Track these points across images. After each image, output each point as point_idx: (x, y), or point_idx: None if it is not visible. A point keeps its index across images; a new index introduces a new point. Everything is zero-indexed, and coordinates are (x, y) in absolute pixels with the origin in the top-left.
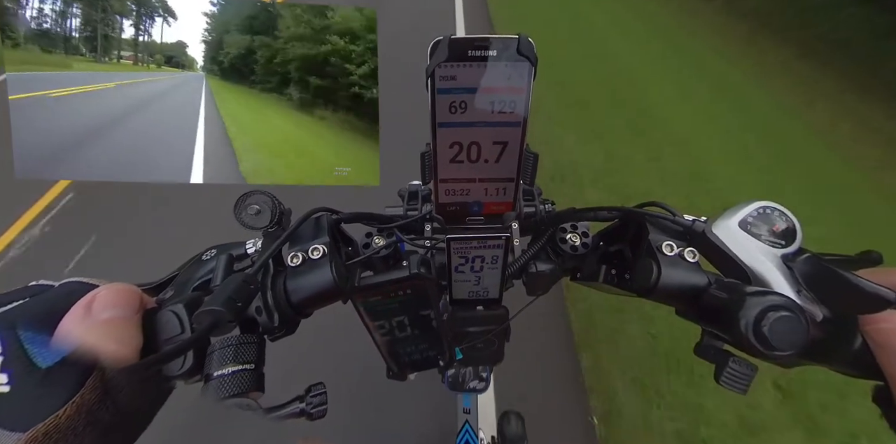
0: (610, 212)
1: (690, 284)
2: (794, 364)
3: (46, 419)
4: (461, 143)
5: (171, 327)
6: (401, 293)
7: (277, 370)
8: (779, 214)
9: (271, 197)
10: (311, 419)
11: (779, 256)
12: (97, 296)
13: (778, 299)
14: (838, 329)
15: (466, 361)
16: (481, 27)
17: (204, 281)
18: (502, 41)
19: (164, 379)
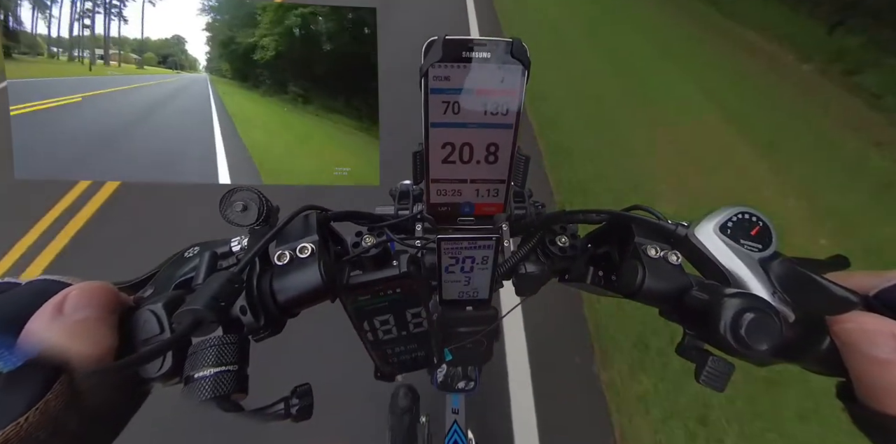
0: (598, 215)
1: (673, 285)
2: (767, 363)
3: (6, 428)
4: (453, 143)
5: (149, 327)
6: (390, 293)
7: (262, 371)
8: (756, 219)
9: (258, 193)
10: (297, 420)
11: (756, 259)
12: (69, 295)
13: (754, 300)
14: (809, 329)
15: (456, 361)
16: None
17: (185, 279)
18: (496, 43)
19: (141, 382)
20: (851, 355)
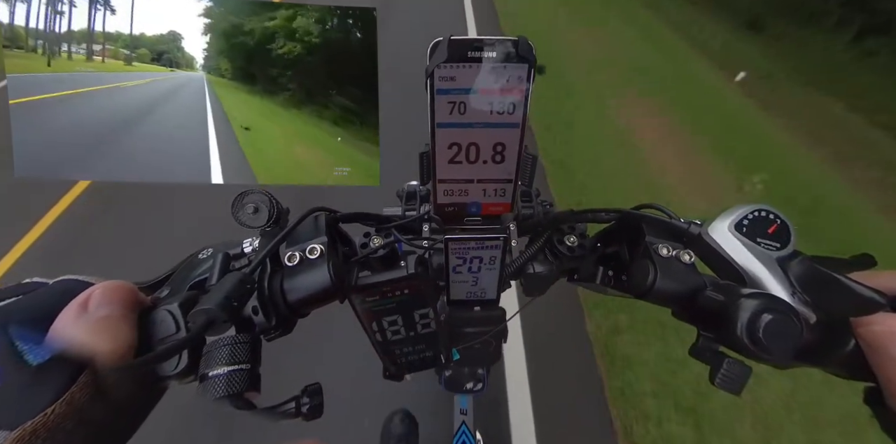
0: (607, 214)
1: (686, 286)
2: (788, 366)
3: (35, 417)
4: (460, 143)
5: (165, 326)
6: (398, 294)
7: (274, 370)
8: (773, 216)
9: (269, 196)
10: (307, 419)
11: (773, 258)
12: (93, 293)
13: (772, 301)
14: (832, 331)
15: (463, 361)
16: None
17: (199, 280)
18: (501, 43)
19: (158, 379)
20: (879, 359)
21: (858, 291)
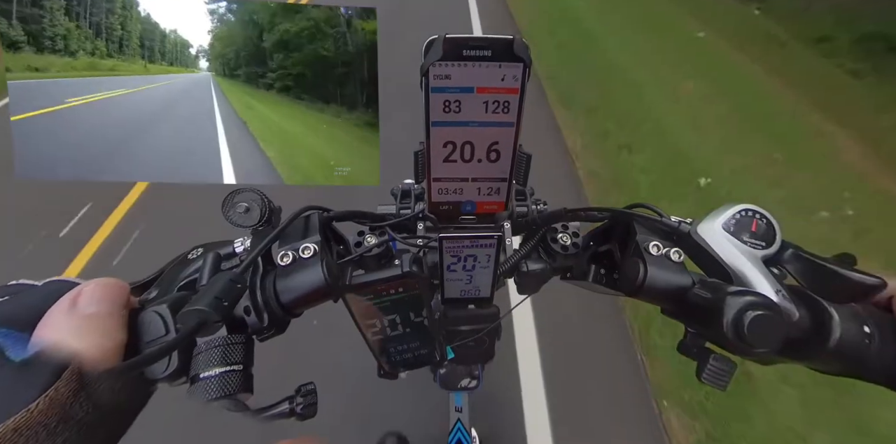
0: (600, 212)
1: (675, 283)
2: (772, 361)
3: (17, 414)
4: (455, 142)
5: (154, 328)
6: (392, 292)
7: (267, 370)
8: (759, 216)
9: (261, 194)
10: (301, 419)
11: (759, 257)
12: (84, 290)
13: (757, 298)
14: (814, 328)
15: (458, 359)
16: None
17: (189, 281)
18: (497, 41)
19: (147, 381)
20: None
21: (856, 278)
